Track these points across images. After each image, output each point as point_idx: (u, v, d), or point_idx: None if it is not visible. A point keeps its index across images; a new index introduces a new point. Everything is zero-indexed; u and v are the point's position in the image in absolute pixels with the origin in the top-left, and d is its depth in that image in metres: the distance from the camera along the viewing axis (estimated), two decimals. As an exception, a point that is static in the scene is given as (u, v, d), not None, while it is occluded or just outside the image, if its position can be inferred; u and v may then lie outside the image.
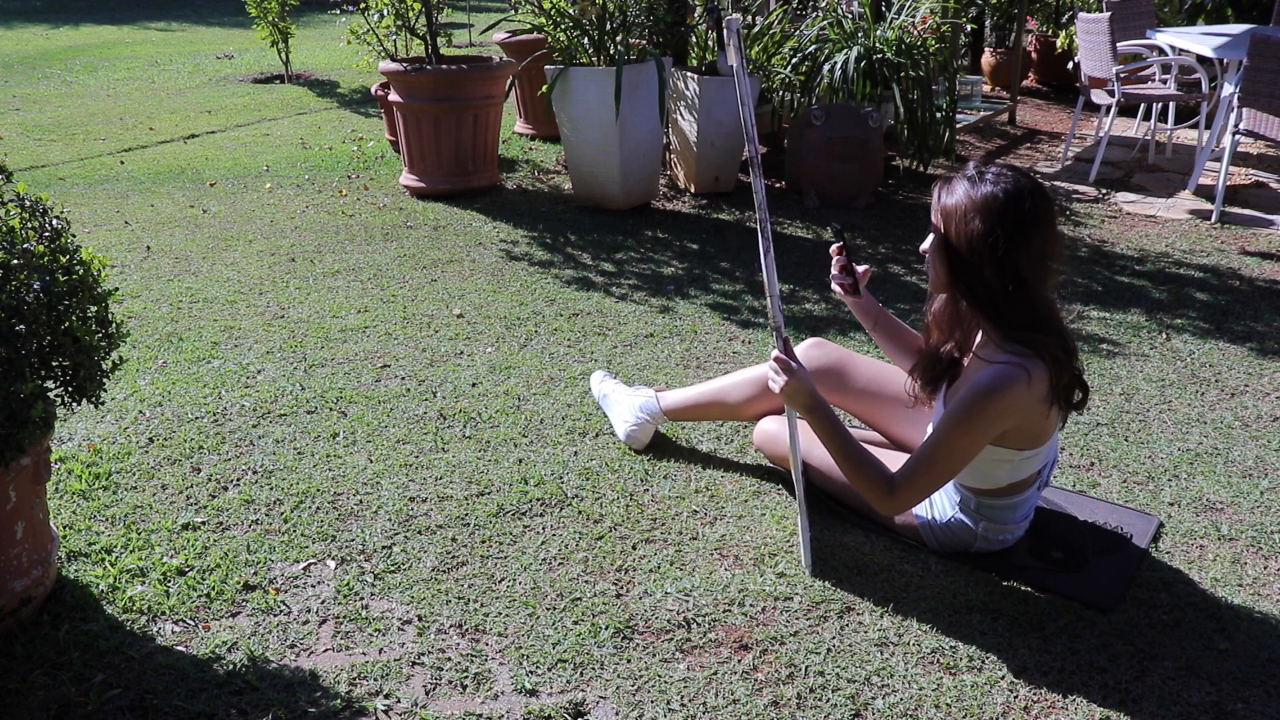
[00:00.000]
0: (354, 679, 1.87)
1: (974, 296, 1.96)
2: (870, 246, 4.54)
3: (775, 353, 2.07)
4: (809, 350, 2.50)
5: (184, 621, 2.02)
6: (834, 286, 2.36)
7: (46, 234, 1.90)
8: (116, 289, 2.11)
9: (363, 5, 5.43)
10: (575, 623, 2.03)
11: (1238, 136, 4.95)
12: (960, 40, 7.21)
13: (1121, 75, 5.50)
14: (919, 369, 2.20)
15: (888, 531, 2.31)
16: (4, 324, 1.72)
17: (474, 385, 3.09)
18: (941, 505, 2.20)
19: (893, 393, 2.43)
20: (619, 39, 4.94)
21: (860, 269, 2.35)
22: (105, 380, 1.97)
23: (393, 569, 2.20)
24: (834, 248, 2.32)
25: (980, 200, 1.89)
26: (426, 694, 1.85)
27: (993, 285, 1.91)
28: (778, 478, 2.58)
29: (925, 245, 2.04)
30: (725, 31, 2.08)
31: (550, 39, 5.24)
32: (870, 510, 2.32)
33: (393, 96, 5.13)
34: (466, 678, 1.88)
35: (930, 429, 2.10)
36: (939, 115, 5.59)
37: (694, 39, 5.59)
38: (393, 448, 2.71)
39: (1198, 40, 5.66)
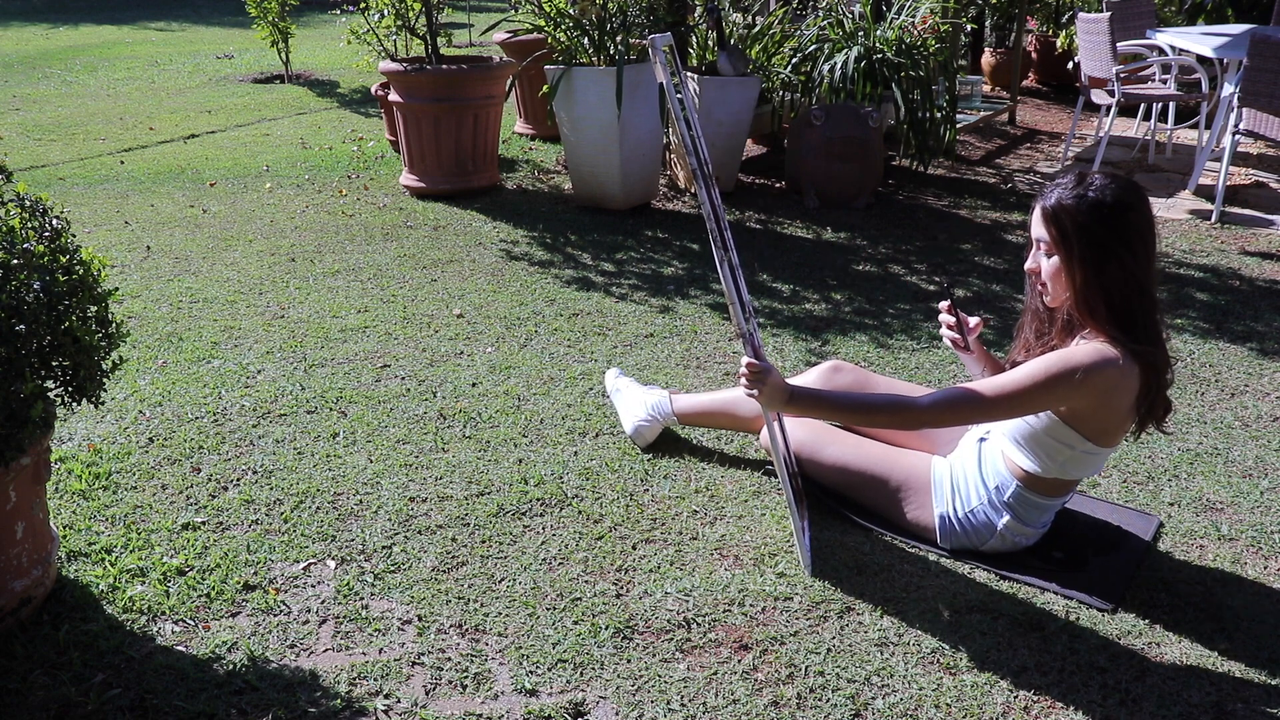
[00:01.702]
0: (354, 679, 1.87)
1: (1093, 310, 1.95)
2: (870, 247, 4.55)
3: (746, 360, 2.06)
4: (829, 375, 2.48)
5: (184, 621, 2.02)
6: (946, 342, 2.34)
7: (46, 234, 1.90)
8: (116, 289, 2.11)
9: (363, 5, 5.43)
10: (575, 623, 2.03)
11: (1238, 136, 4.95)
12: (960, 40, 7.20)
13: (1121, 75, 5.50)
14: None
15: (895, 531, 2.31)
16: (4, 324, 1.72)
17: (474, 385, 3.09)
18: (967, 494, 2.19)
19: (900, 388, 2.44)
20: (619, 39, 4.94)
21: (971, 323, 2.31)
22: (105, 380, 1.97)
23: (393, 569, 2.20)
24: (943, 305, 2.31)
25: (1106, 212, 1.90)
26: (426, 694, 1.85)
27: (1115, 297, 1.92)
28: (777, 479, 2.58)
29: (1032, 264, 2.04)
30: (651, 51, 2.06)
31: (550, 39, 5.24)
32: (885, 511, 2.31)
33: (393, 96, 5.13)
34: (466, 678, 1.88)
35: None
36: (939, 115, 5.59)
37: (694, 39, 5.59)
38: (393, 448, 2.71)
39: (1198, 40, 5.66)
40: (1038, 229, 1.99)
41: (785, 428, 2.34)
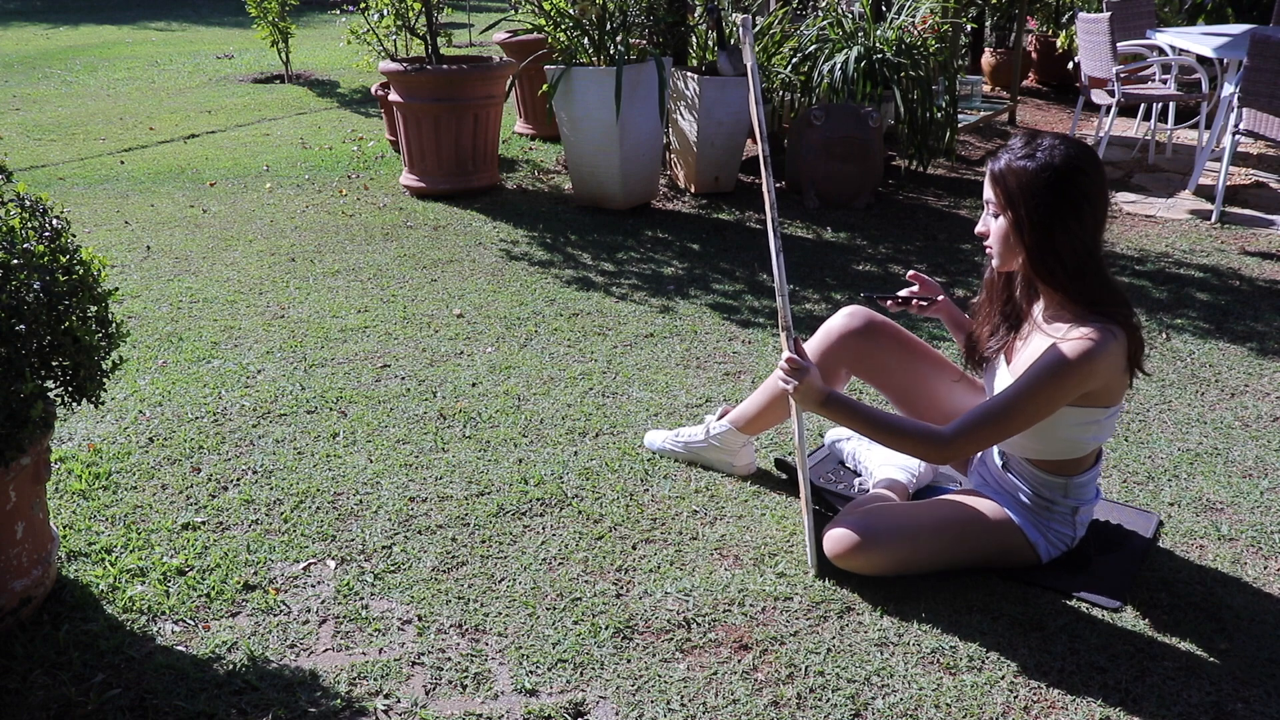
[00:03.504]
0: (354, 679, 1.87)
1: (1052, 273, 1.94)
2: (870, 247, 4.54)
3: (786, 353, 2.05)
4: (853, 334, 2.35)
5: (184, 621, 2.02)
6: (912, 310, 2.35)
7: (46, 234, 1.90)
8: (116, 289, 2.11)
9: (363, 5, 5.43)
10: (575, 623, 2.03)
11: (1238, 136, 4.95)
12: (960, 40, 7.21)
13: (1121, 75, 5.50)
14: (976, 345, 2.20)
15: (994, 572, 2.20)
16: (4, 324, 1.72)
17: (474, 385, 3.09)
18: (1042, 519, 2.14)
19: (931, 359, 2.36)
20: (619, 39, 4.94)
21: (927, 282, 2.34)
22: (105, 380, 1.97)
23: (393, 569, 2.20)
24: (910, 274, 2.35)
25: (1051, 174, 1.88)
26: (426, 694, 1.85)
27: (1068, 259, 1.91)
28: (777, 478, 2.58)
29: (981, 227, 2.03)
30: (741, 30, 2.10)
31: (550, 39, 5.24)
32: (984, 560, 2.19)
33: (393, 96, 5.13)
34: (466, 678, 1.88)
35: (997, 388, 2.08)
36: (939, 115, 5.59)
37: (694, 39, 5.59)
38: (393, 448, 2.71)
39: (1198, 40, 5.66)
40: (986, 190, 1.99)
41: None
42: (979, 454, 2.28)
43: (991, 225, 2.01)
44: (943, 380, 2.33)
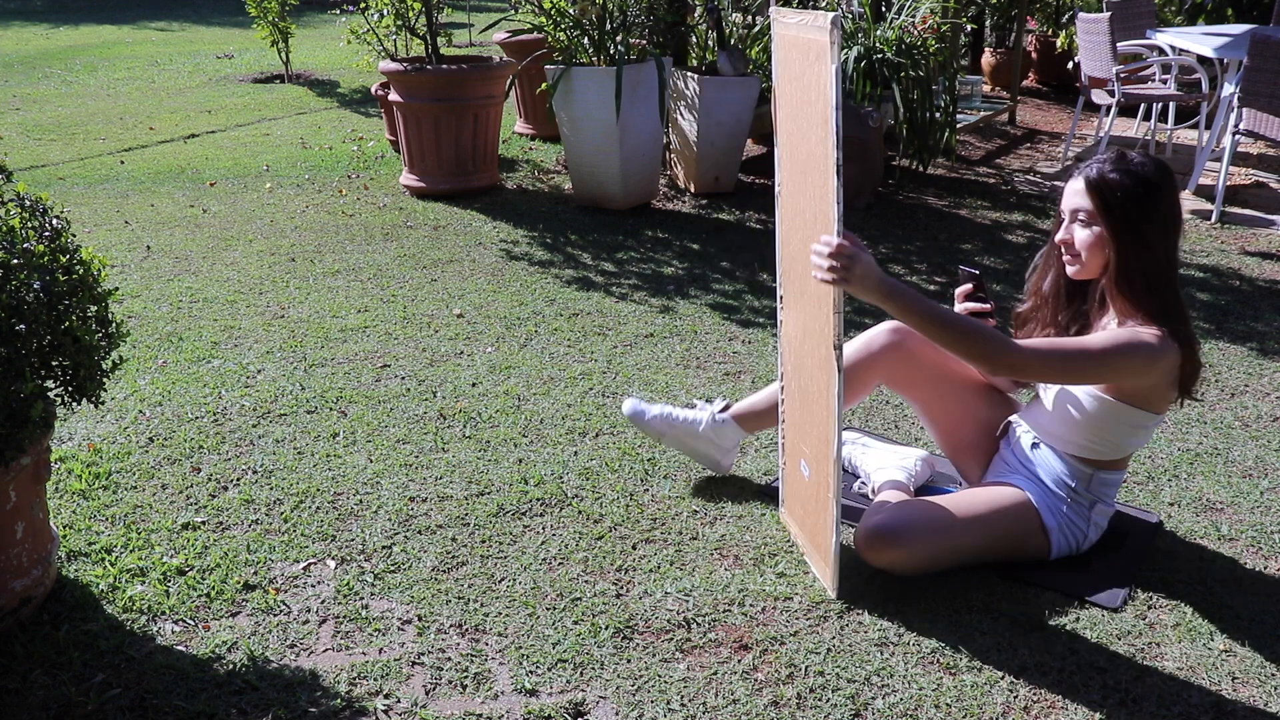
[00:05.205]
0: (354, 679, 1.87)
1: (1132, 284, 1.99)
2: (870, 246, 4.54)
3: (835, 240, 1.84)
4: (892, 335, 2.31)
5: (184, 621, 2.02)
6: None
7: (46, 234, 1.90)
8: (116, 289, 2.11)
9: (363, 5, 5.43)
10: (575, 623, 2.03)
11: (1238, 136, 4.95)
12: (960, 40, 7.20)
13: (1122, 75, 5.50)
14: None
15: (1005, 565, 2.19)
16: (4, 324, 1.72)
17: (474, 385, 3.09)
18: (1056, 504, 2.16)
19: (966, 378, 2.33)
20: (619, 39, 4.94)
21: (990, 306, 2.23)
22: (105, 380, 1.97)
23: (393, 569, 2.20)
24: (966, 288, 2.22)
25: (1148, 189, 1.97)
26: (426, 694, 1.85)
27: (1150, 272, 1.99)
28: (777, 479, 2.58)
29: (1064, 235, 2.06)
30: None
31: (550, 39, 5.24)
32: (1000, 551, 2.19)
33: (393, 96, 5.13)
34: (466, 678, 1.88)
35: (1054, 396, 2.14)
36: (939, 115, 5.59)
37: (694, 39, 5.59)
38: (393, 448, 2.71)
39: (1198, 40, 5.66)
40: (1077, 199, 2.02)
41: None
42: (1010, 435, 2.29)
43: (1079, 234, 2.03)
44: (976, 399, 2.34)
